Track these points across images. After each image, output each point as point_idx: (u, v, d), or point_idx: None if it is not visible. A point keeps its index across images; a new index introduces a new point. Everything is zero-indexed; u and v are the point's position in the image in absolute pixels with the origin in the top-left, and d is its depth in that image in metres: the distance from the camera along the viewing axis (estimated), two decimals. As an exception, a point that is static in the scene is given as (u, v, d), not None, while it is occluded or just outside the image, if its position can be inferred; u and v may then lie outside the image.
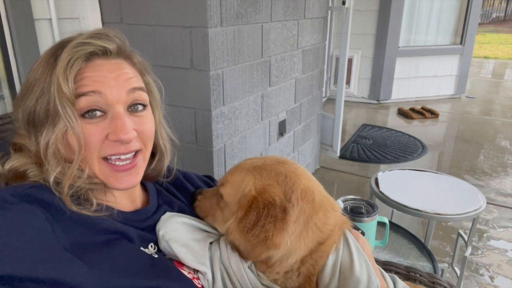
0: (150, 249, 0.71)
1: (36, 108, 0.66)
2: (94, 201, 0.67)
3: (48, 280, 0.53)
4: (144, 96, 0.73)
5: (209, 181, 1.02)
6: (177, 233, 0.74)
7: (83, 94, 0.66)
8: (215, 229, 0.81)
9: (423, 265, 1.30)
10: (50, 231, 0.57)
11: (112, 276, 0.59)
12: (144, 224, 0.74)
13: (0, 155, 0.70)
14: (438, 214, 1.43)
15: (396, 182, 1.66)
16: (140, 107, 0.72)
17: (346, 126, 4.30)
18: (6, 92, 1.69)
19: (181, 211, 0.84)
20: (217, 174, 1.80)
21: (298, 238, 0.68)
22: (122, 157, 0.70)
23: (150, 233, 0.74)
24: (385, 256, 1.31)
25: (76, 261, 0.56)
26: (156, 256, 0.69)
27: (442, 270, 1.51)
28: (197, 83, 1.66)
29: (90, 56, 0.68)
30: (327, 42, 3.23)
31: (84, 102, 0.66)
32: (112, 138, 0.67)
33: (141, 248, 0.69)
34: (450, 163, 3.52)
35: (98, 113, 0.67)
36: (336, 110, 3.06)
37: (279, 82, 2.25)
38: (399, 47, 5.00)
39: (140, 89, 0.73)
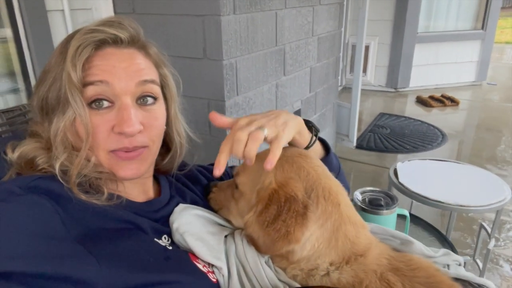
0: (164, 241, 0.69)
1: (49, 95, 0.66)
2: (105, 191, 0.66)
3: (57, 276, 0.51)
4: (155, 89, 0.71)
5: (228, 170, 1.00)
6: (192, 226, 0.72)
7: (91, 83, 0.64)
8: (230, 222, 0.80)
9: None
10: (59, 223, 0.56)
11: (124, 271, 0.57)
12: (157, 215, 0.73)
13: (11, 143, 0.69)
14: (461, 205, 1.38)
15: (416, 172, 1.60)
16: (150, 100, 0.70)
17: (362, 115, 4.21)
18: (21, 84, 1.70)
19: (193, 202, 0.82)
20: (231, 164, 1.78)
21: (328, 244, 0.65)
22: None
23: (164, 225, 0.72)
24: (405, 249, 1.27)
25: (86, 255, 0.55)
26: (170, 248, 0.68)
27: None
28: (210, 73, 1.63)
29: (101, 44, 0.66)
30: (342, 29, 3.15)
31: (91, 92, 0.65)
32: (116, 130, 0.65)
33: (155, 239, 0.68)
34: (471, 152, 3.42)
35: (105, 103, 0.66)
36: (352, 99, 2.99)
37: (293, 71, 2.20)
38: (417, 33, 4.86)
39: (152, 81, 0.70)
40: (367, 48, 4.86)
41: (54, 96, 0.66)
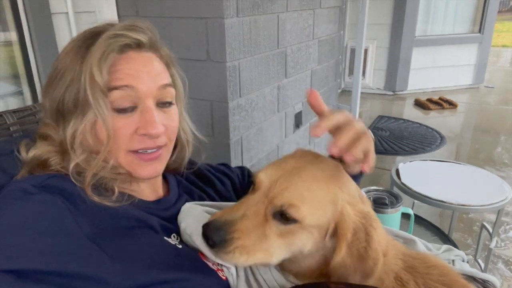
0: (173, 239, 0.70)
1: (65, 97, 0.67)
2: (116, 190, 0.67)
3: (71, 273, 0.52)
4: (172, 92, 0.74)
5: (225, 170, 1.01)
6: (200, 225, 0.73)
7: (116, 88, 0.66)
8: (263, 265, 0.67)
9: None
10: (71, 221, 0.57)
11: (136, 268, 0.58)
12: (166, 213, 0.74)
13: (25, 142, 0.70)
14: (463, 205, 1.39)
15: (418, 173, 1.62)
16: (168, 103, 0.73)
17: (361, 117, 4.24)
18: (25, 87, 1.71)
19: (201, 200, 0.83)
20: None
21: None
22: (149, 151, 0.70)
23: (173, 223, 0.73)
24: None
25: (99, 252, 0.56)
26: (180, 246, 0.69)
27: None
28: (214, 74, 1.65)
29: (124, 48, 0.68)
30: (342, 32, 3.17)
31: (116, 96, 0.66)
32: (141, 132, 0.68)
33: (165, 237, 0.69)
34: (469, 154, 3.44)
35: (129, 107, 0.68)
36: (352, 102, 3.01)
37: (295, 73, 2.22)
38: (415, 36, 4.90)
39: (169, 85, 0.74)
40: (365, 51, 4.90)
41: (71, 99, 0.66)
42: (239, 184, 0.99)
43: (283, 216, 0.60)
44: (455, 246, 1.33)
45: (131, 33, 0.68)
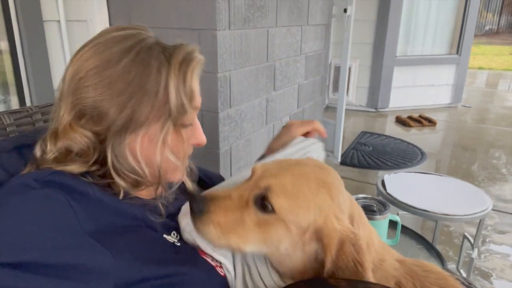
0: (173, 237, 0.71)
1: (138, 110, 0.66)
2: (122, 190, 0.68)
3: (71, 265, 0.53)
4: None
5: (221, 180, 1.02)
6: None
7: (195, 108, 0.73)
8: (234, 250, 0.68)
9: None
10: (72, 216, 0.57)
11: (136, 263, 0.59)
12: (166, 211, 0.74)
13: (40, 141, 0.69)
14: (446, 214, 1.44)
15: (403, 184, 1.67)
16: None
17: (345, 133, 4.31)
18: (13, 97, 1.69)
19: None
20: (224, 176, 1.80)
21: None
22: None
23: (172, 221, 0.74)
24: (395, 256, 1.32)
25: (99, 247, 0.56)
26: (179, 244, 0.70)
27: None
28: (205, 85, 1.67)
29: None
30: (328, 49, 3.26)
31: (192, 115, 0.73)
32: (194, 143, 0.76)
33: (164, 235, 0.70)
34: (449, 169, 3.55)
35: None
36: (337, 117, 3.08)
37: (283, 86, 2.27)
38: (396, 56, 5.06)
39: None
40: (349, 69, 5.02)
41: (145, 112, 0.66)
42: None
43: (262, 205, 0.60)
44: (440, 255, 1.37)
45: (202, 57, 0.74)
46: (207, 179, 0.96)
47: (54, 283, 0.51)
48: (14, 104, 1.70)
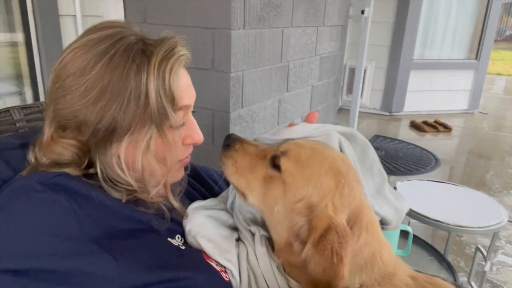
0: (177, 240, 0.70)
1: (120, 116, 0.62)
2: (125, 195, 0.67)
3: (73, 272, 0.52)
4: None
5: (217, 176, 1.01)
6: (204, 228, 0.73)
7: (181, 108, 0.68)
8: (238, 193, 0.72)
9: (443, 277, 1.27)
10: (75, 222, 0.56)
11: (140, 268, 0.58)
12: (170, 215, 0.73)
13: (31, 148, 0.68)
14: (460, 226, 1.40)
15: (415, 192, 1.63)
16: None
17: (357, 136, 4.27)
18: (27, 87, 1.70)
19: None
20: (233, 177, 1.79)
21: (361, 269, 0.63)
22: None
23: (176, 225, 0.73)
24: (405, 266, 1.28)
25: (102, 253, 0.55)
26: (183, 248, 0.68)
27: (461, 284, 1.47)
28: (217, 84, 1.66)
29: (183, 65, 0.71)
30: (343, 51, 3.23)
31: (180, 115, 0.69)
32: (189, 142, 0.73)
33: (168, 239, 0.68)
34: (463, 177, 3.48)
35: (184, 122, 0.71)
36: (350, 119, 3.04)
37: (296, 87, 2.24)
38: (413, 59, 4.98)
39: None
40: (364, 71, 4.96)
41: (127, 120, 0.63)
42: None
43: (275, 163, 0.65)
44: (451, 266, 1.33)
45: (187, 51, 0.69)
46: (210, 180, 0.94)
47: None
48: (28, 96, 1.72)
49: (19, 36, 1.62)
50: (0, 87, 1.65)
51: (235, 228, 0.79)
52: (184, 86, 0.68)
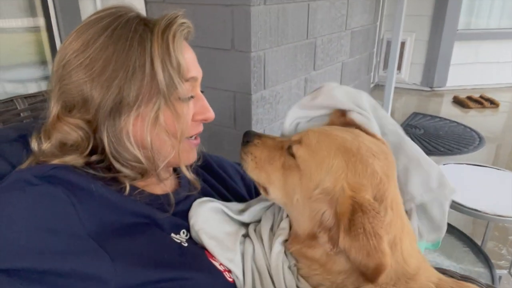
0: (182, 235, 0.68)
1: (126, 90, 0.62)
2: (127, 184, 0.63)
3: (67, 272, 0.50)
4: None
5: (240, 170, 0.97)
6: (208, 224, 0.70)
7: (187, 80, 0.67)
8: (259, 187, 0.72)
9: (479, 271, 1.17)
10: (73, 216, 0.54)
11: (137, 267, 0.56)
12: (176, 208, 0.70)
13: (35, 133, 0.66)
14: (499, 215, 1.28)
15: (451, 177, 1.50)
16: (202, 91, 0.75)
17: (394, 114, 4.07)
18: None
19: (211, 196, 0.79)
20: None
21: None
22: (193, 136, 0.73)
23: (183, 219, 0.70)
24: (436, 259, 1.19)
25: (98, 251, 0.53)
26: (186, 244, 0.66)
27: (500, 277, 1.36)
28: (238, 65, 1.59)
29: (187, 36, 0.70)
30: (378, 23, 3.04)
31: (188, 87, 0.67)
32: (199, 118, 0.71)
33: (172, 234, 0.66)
34: (509, 157, 3.23)
35: (191, 96, 0.69)
36: (385, 97, 2.87)
37: (324, 65, 2.13)
38: (457, 30, 4.63)
39: None
40: (402, 44, 4.67)
41: (134, 91, 0.62)
42: (255, 188, 0.94)
43: (291, 152, 0.66)
44: (488, 259, 1.22)
45: (188, 22, 0.68)
46: (221, 171, 0.90)
47: None
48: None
49: (40, 21, 1.62)
50: (26, 72, 1.67)
51: (242, 224, 0.76)
52: (189, 58, 0.67)
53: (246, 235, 0.74)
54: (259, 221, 0.75)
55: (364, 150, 0.63)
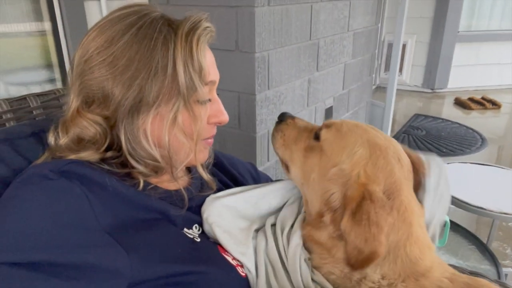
0: (194, 231, 0.68)
1: (147, 88, 0.62)
2: (141, 179, 0.64)
3: (84, 265, 0.50)
4: None
5: (252, 170, 0.97)
6: (221, 218, 0.71)
7: (206, 84, 0.67)
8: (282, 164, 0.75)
9: (485, 268, 1.18)
10: (89, 211, 0.55)
11: (152, 261, 0.56)
12: (189, 204, 0.71)
13: (53, 128, 0.67)
14: (505, 213, 1.28)
15: (456, 176, 1.51)
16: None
17: (396, 116, 4.08)
18: (57, 75, 1.74)
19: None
20: (260, 161, 1.74)
21: (383, 257, 0.59)
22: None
23: (195, 214, 0.71)
24: (442, 257, 1.20)
25: (114, 245, 0.54)
26: (199, 240, 0.66)
27: (506, 276, 1.36)
28: (242, 65, 1.60)
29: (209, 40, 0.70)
30: (379, 25, 3.05)
31: (206, 90, 0.67)
32: (214, 121, 0.71)
33: (185, 229, 0.66)
34: (512, 158, 3.23)
35: (208, 99, 0.70)
36: (387, 98, 2.88)
37: (327, 66, 2.14)
38: (458, 31, 4.64)
39: None
40: (404, 46, 4.69)
41: (155, 91, 0.62)
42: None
43: (318, 135, 0.69)
44: (494, 257, 1.23)
45: (211, 25, 0.69)
46: (231, 167, 0.91)
47: (66, 285, 0.49)
48: (59, 85, 1.75)
49: (47, 25, 1.63)
50: (32, 76, 1.69)
51: (254, 220, 0.76)
52: (210, 61, 0.68)
53: (257, 230, 0.74)
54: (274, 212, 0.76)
55: (391, 152, 0.65)
